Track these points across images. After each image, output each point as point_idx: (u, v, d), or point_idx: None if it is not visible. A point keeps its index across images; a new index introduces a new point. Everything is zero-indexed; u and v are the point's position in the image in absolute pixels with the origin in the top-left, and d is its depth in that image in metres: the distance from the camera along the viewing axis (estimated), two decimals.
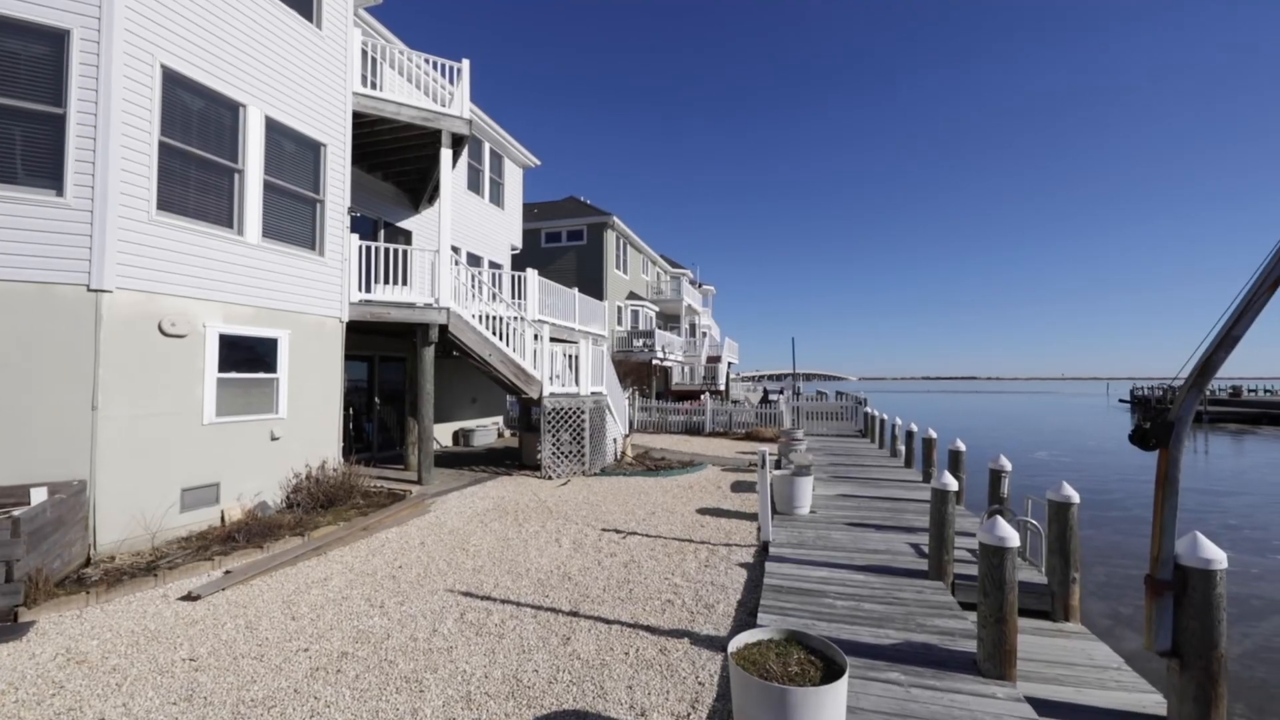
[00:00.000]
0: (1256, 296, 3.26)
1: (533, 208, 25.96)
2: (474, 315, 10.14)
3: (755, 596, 5.15)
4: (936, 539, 5.48)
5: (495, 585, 5.39)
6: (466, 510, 8.14)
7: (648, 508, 8.49)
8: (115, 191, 5.80)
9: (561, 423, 10.56)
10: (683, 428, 19.81)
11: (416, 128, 9.50)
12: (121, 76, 5.86)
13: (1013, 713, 3.26)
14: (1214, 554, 3.26)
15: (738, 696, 2.80)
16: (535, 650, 4.14)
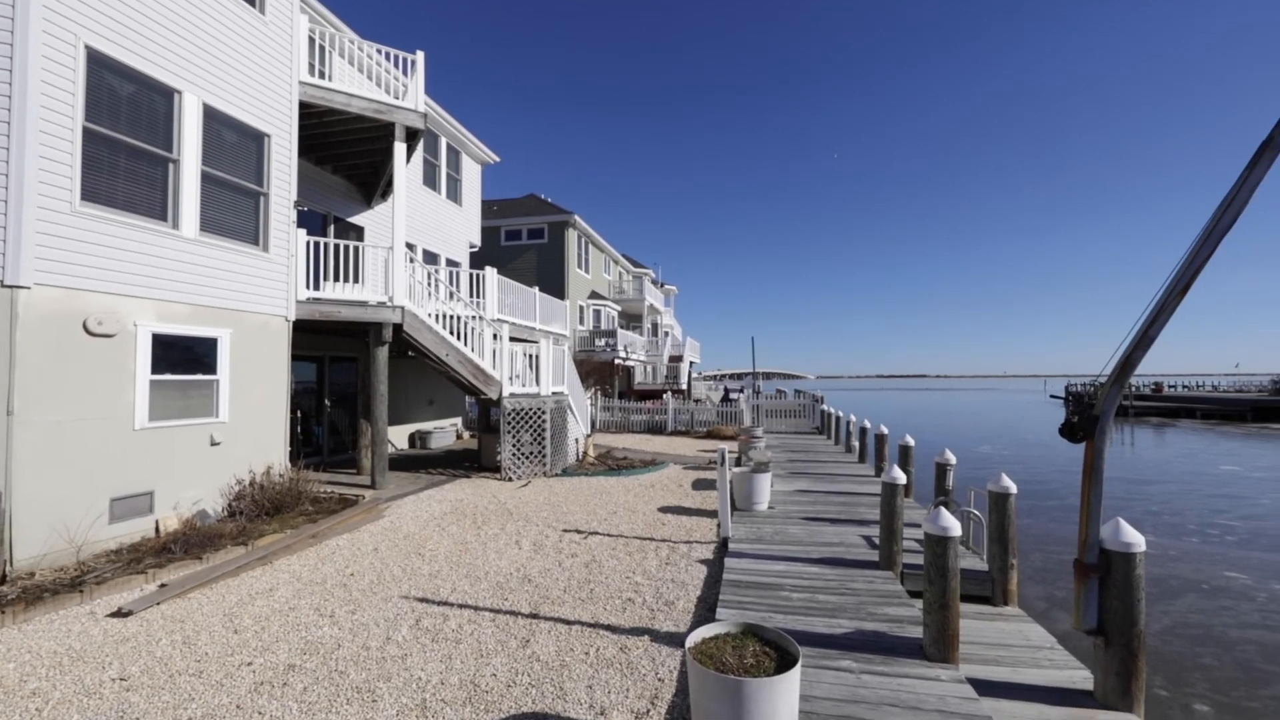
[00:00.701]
0: (1170, 300, 3.53)
1: (492, 205, 25.53)
2: (430, 314, 9.89)
3: (715, 592, 5.22)
4: (886, 531, 5.70)
5: (453, 590, 5.28)
6: (423, 514, 7.94)
7: (609, 507, 8.48)
8: (32, 180, 5.38)
9: (522, 423, 10.43)
10: (645, 427, 19.89)
11: (368, 120, 9.20)
12: (39, 58, 5.45)
13: (955, 694, 3.42)
14: (1134, 538, 3.52)
15: (695, 690, 2.83)
16: (493, 654, 4.08)
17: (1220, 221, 3.41)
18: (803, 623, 4.45)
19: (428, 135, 13.89)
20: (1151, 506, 13.02)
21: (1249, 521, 11.59)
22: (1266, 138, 3.33)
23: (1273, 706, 5.15)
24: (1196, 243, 3.46)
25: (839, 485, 9.98)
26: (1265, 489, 14.81)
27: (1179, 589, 7.95)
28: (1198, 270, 3.45)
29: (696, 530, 7.36)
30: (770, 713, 2.62)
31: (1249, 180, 3.36)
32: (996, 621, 5.01)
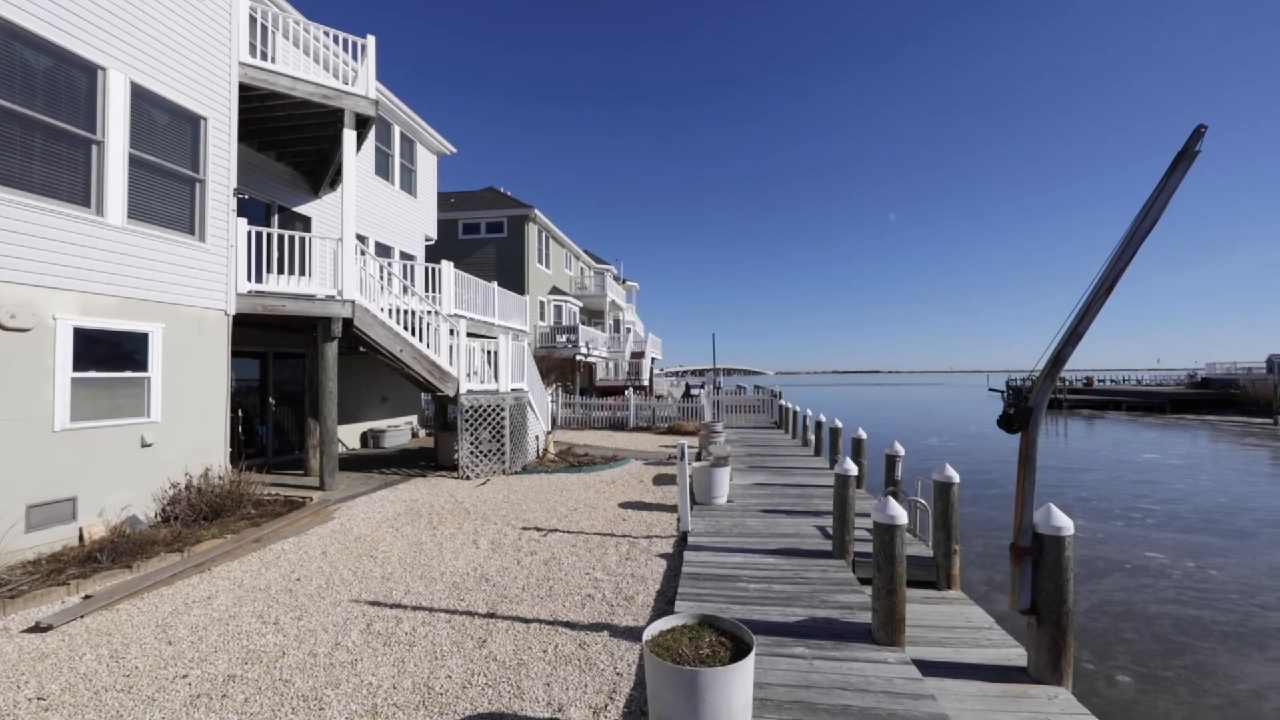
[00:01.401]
0: (1096, 299, 3.76)
1: (449, 197, 24.90)
2: (383, 309, 9.58)
3: (674, 585, 5.27)
4: (839, 521, 5.87)
5: (406, 592, 5.14)
6: (375, 515, 7.69)
7: (570, 504, 8.43)
8: None
9: (480, 421, 10.23)
10: (607, 423, 19.86)
11: (315, 105, 8.80)
12: None
13: (901, 675, 3.57)
14: (1063, 522, 3.74)
15: (652, 682, 2.85)
16: (449, 656, 4.00)
17: (1141, 226, 3.66)
18: (759, 612, 4.54)
19: (380, 123, 13.42)
20: (1082, 493, 13.90)
21: (1166, 505, 12.53)
22: (1181, 149, 3.59)
23: (1184, 675, 5.60)
24: (1120, 246, 3.70)
25: (796, 478, 10.22)
26: (1180, 475, 16.04)
27: (1105, 569, 8.51)
28: (1121, 271, 3.70)
29: (657, 525, 7.40)
30: (725, 701, 2.66)
31: (1166, 188, 3.62)
32: (940, 605, 5.24)
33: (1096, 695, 5.15)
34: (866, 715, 3.17)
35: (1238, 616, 6.85)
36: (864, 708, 3.23)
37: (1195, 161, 3.58)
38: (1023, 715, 3.50)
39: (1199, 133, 3.51)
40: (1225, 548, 9.49)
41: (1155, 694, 5.27)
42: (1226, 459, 19.08)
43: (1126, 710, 5.00)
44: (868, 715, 3.17)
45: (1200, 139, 3.52)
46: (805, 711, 3.22)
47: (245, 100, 8.39)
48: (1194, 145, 3.52)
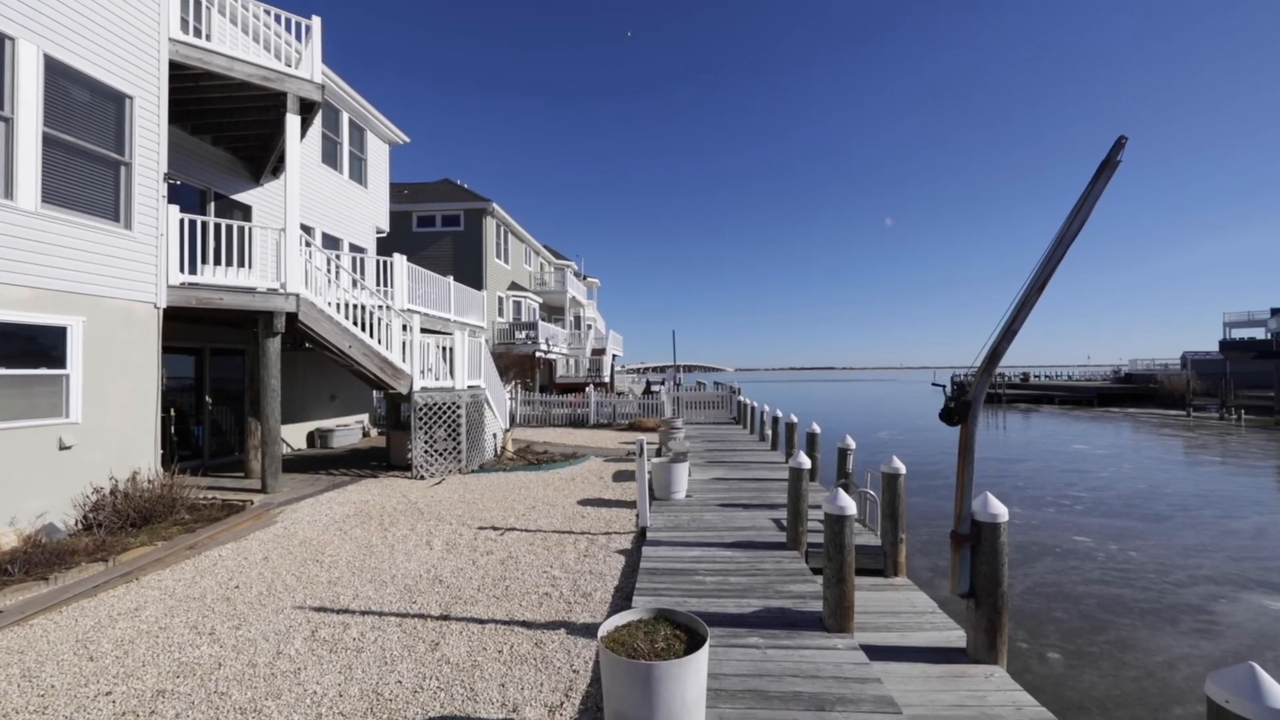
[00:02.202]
0: (1029, 298, 3.98)
1: (402, 188, 24.12)
2: (331, 303, 9.19)
3: (632, 581, 5.28)
4: (793, 513, 6.02)
5: (355, 596, 4.96)
6: (322, 518, 7.39)
7: (528, 502, 8.33)
8: None
9: (435, 419, 9.97)
10: (567, 420, 19.72)
11: (255, 88, 8.33)
12: None
13: (849, 660, 3.69)
14: (999, 510, 3.95)
15: (607, 678, 2.85)
16: (399, 660, 3.88)
17: (1069, 230, 3.89)
18: (715, 604, 4.61)
19: (327, 109, 12.85)
20: (1018, 482, 14.73)
21: (1093, 492, 13.43)
22: (1104, 158, 3.82)
23: (1107, 650, 6.01)
24: (1050, 248, 3.92)
25: (753, 472, 10.42)
26: (1105, 464, 17.21)
27: (1038, 553, 9.05)
28: (1051, 271, 3.91)
29: (616, 521, 7.40)
30: (679, 693, 2.69)
31: (1091, 194, 3.85)
32: (888, 592, 5.45)
33: (1030, 672, 5.47)
34: (816, 700, 3.26)
35: (1154, 594, 7.41)
36: (814, 693, 3.33)
37: (1116, 171, 3.83)
38: (961, 694, 3.68)
39: (1120, 144, 3.75)
40: (1144, 531, 10.24)
41: (1082, 669, 5.64)
42: (1146, 448, 20.59)
43: (1056, 685, 5.33)
44: (817, 700, 3.26)
45: (1121, 149, 3.76)
46: (758, 700, 3.29)
47: (177, 80, 7.87)
48: (1115, 155, 3.76)
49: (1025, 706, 3.56)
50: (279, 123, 9.02)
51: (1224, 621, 6.59)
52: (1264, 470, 16.08)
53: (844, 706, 3.20)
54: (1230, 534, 9.97)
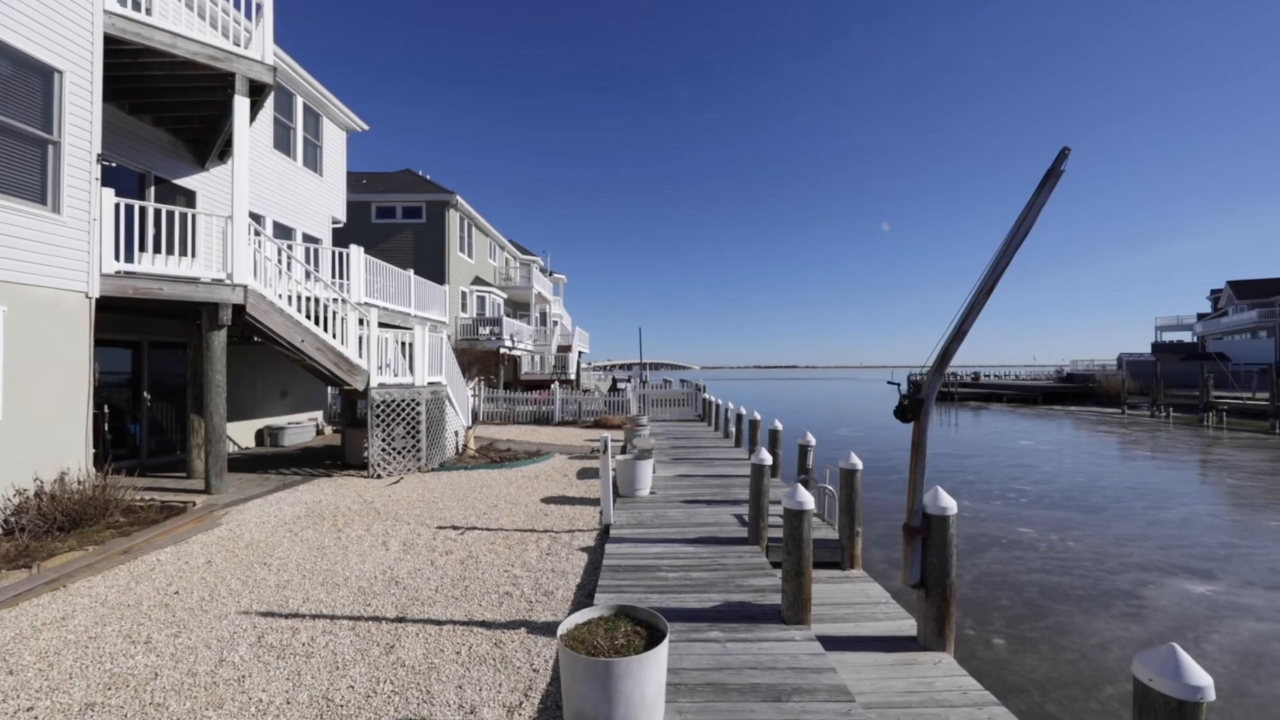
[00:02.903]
0: (978, 301, 4.14)
1: (360, 178, 23.35)
2: (282, 295, 8.81)
3: (595, 579, 5.25)
4: (754, 508, 6.11)
5: (305, 600, 4.78)
6: (271, 519, 7.09)
7: (490, 501, 8.19)
8: None
9: (393, 416, 9.69)
10: (532, 418, 19.51)
11: (201, 67, 7.89)
12: None
13: (806, 651, 3.77)
14: (948, 503, 4.10)
15: (566, 676, 2.82)
16: (352, 665, 3.76)
17: (1016, 235, 4.06)
18: (676, 600, 4.64)
19: (279, 93, 12.31)
20: (968, 476, 15.36)
21: (1037, 485, 14.12)
22: (1049, 168, 4.01)
23: (1047, 635, 6.33)
24: (998, 253, 4.09)
25: (717, 469, 10.53)
26: (1048, 459, 18.13)
27: (986, 544, 9.46)
28: (999, 275, 4.08)
29: (580, 519, 7.36)
30: (638, 689, 2.69)
31: (1036, 202, 4.03)
32: (844, 584, 5.60)
33: (976, 658, 5.71)
34: (773, 692, 3.32)
35: (1089, 581, 7.84)
36: (771, 684, 3.39)
37: (1060, 179, 4.01)
38: (911, 681, 3.82)
39: (1064, 154, 3.94)
40: (1081, 522, 10.83)
41: (1024, 653, 5.93)
42: (1084, 444, 21.79)
43: (1000, 669, 5.58)
44: (774, 691, 3.32)
45: (1065, 159, 3.94)
46: (717, 693, 3.33)
47: (115, 55, 7.39)
48: (1059, 165, 3.95)
49: (970, 691, 3.71)
50: (226, 105, 8.58)
51: (1151, 605, 7.03)
52: (1189, 464, 17.24)
53: (800, 696, 3.27)
54: (1158, 524, 10.65)
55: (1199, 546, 9.28)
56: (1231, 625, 6.46)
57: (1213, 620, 6.60)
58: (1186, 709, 2.02)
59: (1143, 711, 2.13)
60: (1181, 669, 2.04)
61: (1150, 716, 2.10)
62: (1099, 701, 5.01)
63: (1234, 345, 45.50)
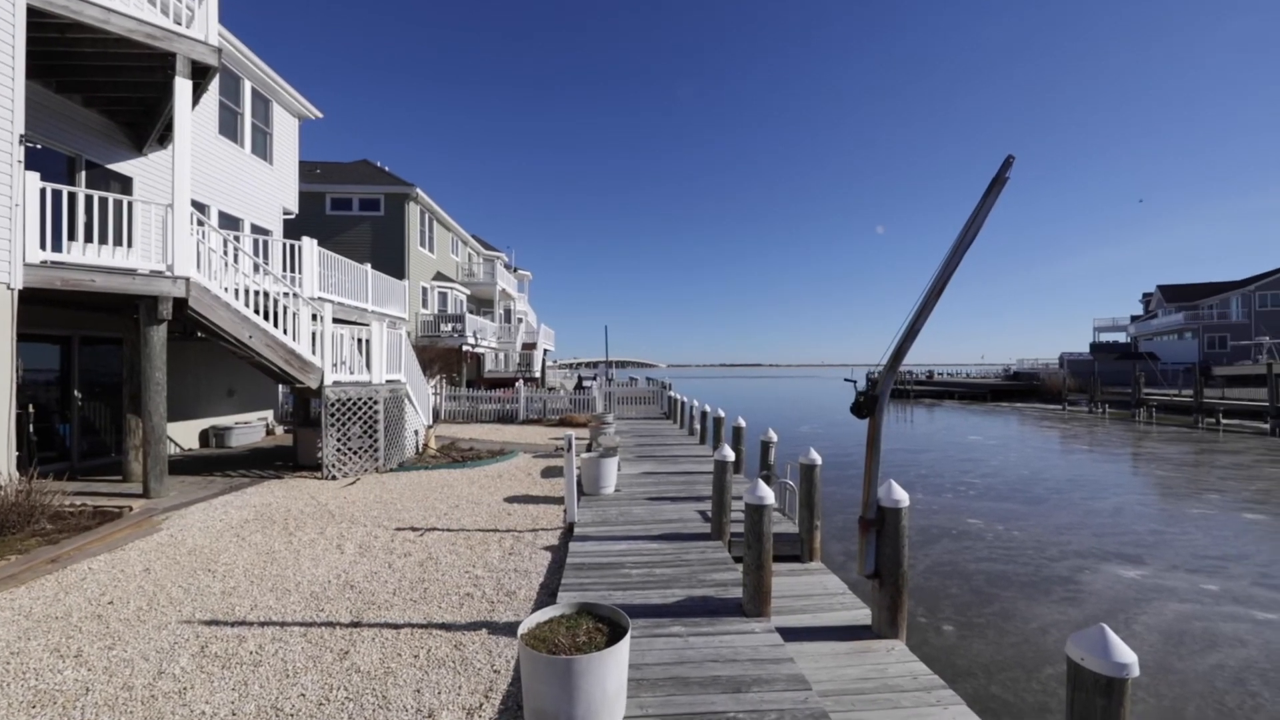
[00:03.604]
0: (929, 301, 4.29)
1: (314, 167, 22.48)
2: (228, 289, 8.40)
3: (558, 577, 5.22)
4: (717, 504, 6.19)
5: (253, 607, 4.58)
6: (216, 523, 6.76)
7: (451, 501, 8.03)
8: None
9: (349, 415, 9.38)
10: (495, 416, 19.23)
11: (138, 45, 7.44)
12: None
13: (766, 643, 3.84)
14: (901, 496, 4.24)
15: (526, 675, 2.80)
16: (303, 672, 3.62)
17: (964, 238, 4.23)
18: (640, 596, 4.65)
19: (226, 76, 11.73)
20: (922, 471, 15.95)
21: (985, 479, 14.78)
22: (995, 175, 4.18)
23: (992, 621, 6.63)
24: (947, 255, 4.25)
25: (681, 466, 10.61)
26: (995, 453, 18.99)
27: (937, 535, 9.84)
28: (948, 276, 4.24)
29: (544, 518, 7.29)
30: (599, 685, 2.68)
31: (984, 207, 4.20)
32: (803, 576, 5.73)
33: (927, 644, 5.94)
34: (733, 683, 3.37)
35: (1031, 569, 8.26)
36: (731, 676, 3.44)
37: (1005, 186, 4.20)
38: (865, 668, 3.94)
39: (1008, 162, 4.12)
40: (1025, 512, 11.40)
41: (971, 639, 6.20)
42: (1029, 439, 22.93)
43: (949, 654, 5.82)
44: (734, 683, 3.37)
45: (1009, 167, 4.12)
46: (679, 687, 3.36)
47: (40, 29, 6.89)
48: (1004, 172, 4.13)
49: (921, 676, 3.86)
50: (166, 86, 8.12)
51: (1087, 590, 7.46)
52: (1122, 457, 18.36)
53: (759, 687, 3.33)
54: (1094, 513, 11.30)
55: (1130, 534, 9.90)
56: (1158, 607, 6.92)
57: (1141, 602, 7.05)
58: (1114, 685, 2.15)
59: (1076, 688, 2.26)
60: (1109, 648, 2.17)
61: (1082, 693, 2.23)
62: (1039, 682, 5.28)
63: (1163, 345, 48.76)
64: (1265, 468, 15.80)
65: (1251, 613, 6.71)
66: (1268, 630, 6.27)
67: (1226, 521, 10.59)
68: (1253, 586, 7.48)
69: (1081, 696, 2.24)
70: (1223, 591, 7.33)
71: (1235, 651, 5.82)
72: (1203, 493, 12.95)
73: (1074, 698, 2.27)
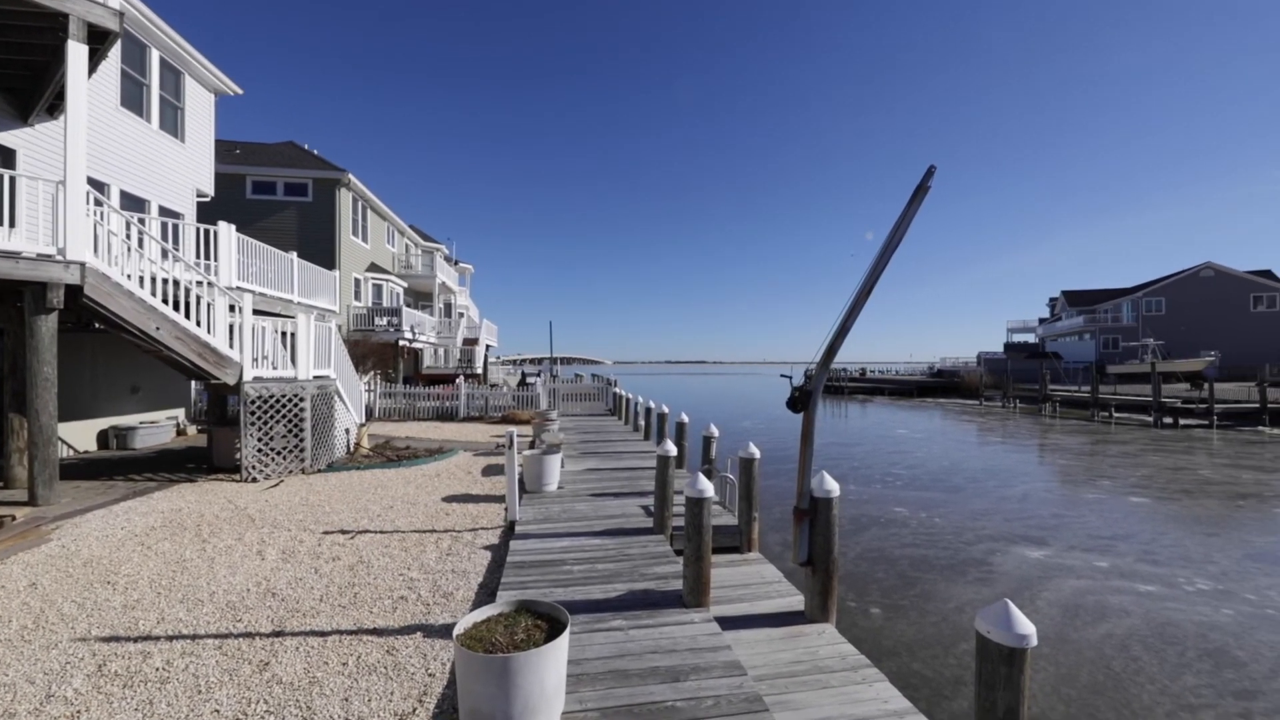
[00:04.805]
0: (858, 301, 4.51)
1: (233, 147, 20.91)
2: (132, 275, 7.69)
3: (498, 576, 5.13)
4: (660, 498, 6.26)
5: (160, 620, 4.23)
6: (118, 532, 6.19)
7: (385, 502, 7.71)
8: None
9: (272, 413, 8.81)
10: (434, 414, 18.61)
11: (22, 3, 6.65)
12: None
13: (704, 633, 3.93)
14: (832, 486, 4.44)
15: (461, 676, 2.73)
16: (218, 687, 3.38)
17: (890, 242, 4.47)
18: (581, 592, 4.64)
19: (130, 43, 10.70)
20: (854, 463, 16.75)
21: (911, 470, 15.70)
22: (918, 184, 4.44)
23: (915, 602, 7.07)
24: (875, 257, 4.48)
25: (626, 461, 10.65)
26: (920, 446, 20.21)
27: (867, 524, 10.37)
28: (876, 278, 4.47)
29: (484, 517, 7.14)
30: (537, 683, 2.66)
31: (908, 213, 4.45)
32: (742, 566, 5.90)
33: (856, 627, 6.26)
34: (672, 673, 3.43)
35: (950, 553, 8.86)
36: (670, 666, 3.50)
37: (928, 194, 4.47)
38: (798, 651, 4.11)
39: (930, 172, 4.38)
40: (945, 500, 12.20)
41: (895, 620, 6.58)
42: (950, 432, 24.55)
43: (876, 635, 6.16)
44: (673, 673, 3.43)
45: (931, 176, 4.39)
46: (619, 680, 3.38)
47: None
48: (926, 181, 4.39)
49: (849, 656, 4.06)
50: (59, 51, 7.31)
51: (998, 570, 8.09)
52: (1030, 448, 20.00)
53: (697, 675, 3.40)
54: (1005, 500, 12.26)
55: (1035, 518, 10.80)
56: (1058, 583, 7.59)
57: (1044, 580, 7.71)
58: (1015, 655, 2.35)
59: (983, 659, 2.45)
60: (1011, 621, 2.37)
61: (989, 663, 2.42)
62: (955, 657, 5.68)
63: (1066, 345, 53.41)
64: (1149, 456, 17.64)
65: (1135, 585, 7.49)
66: (1148, 601, 7.01)
67: (1116, 505, 11.75)
68: (1137, 563, 8.34)
69: (988, 666, 2.42)
70: (1111, 568, 8.13)
71: (1121, 621, 6.48)
72: (1096, 479, 14.31)
73: (981, 668, 2.46)
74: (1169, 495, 12.51)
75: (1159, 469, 15.47)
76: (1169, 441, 20.53)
